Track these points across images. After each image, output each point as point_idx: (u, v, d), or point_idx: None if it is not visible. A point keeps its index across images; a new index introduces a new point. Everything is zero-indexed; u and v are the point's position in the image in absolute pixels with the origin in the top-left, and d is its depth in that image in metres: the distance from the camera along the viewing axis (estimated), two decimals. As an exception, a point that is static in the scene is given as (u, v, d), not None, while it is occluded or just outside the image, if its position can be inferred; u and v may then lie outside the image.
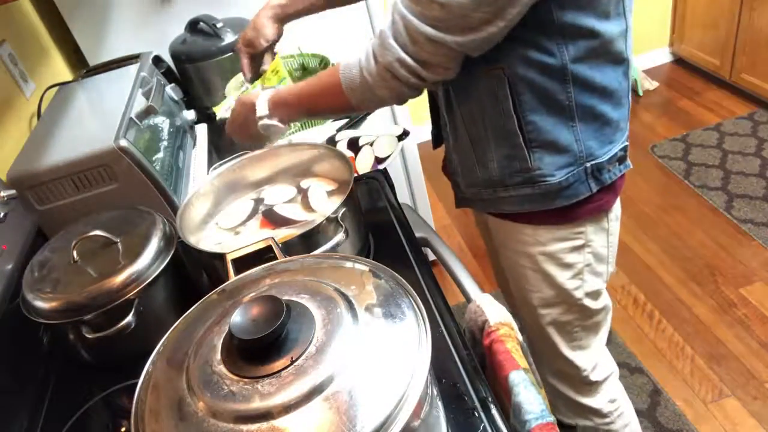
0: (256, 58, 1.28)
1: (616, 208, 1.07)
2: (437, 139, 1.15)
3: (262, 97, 1.00)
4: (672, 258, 2.20)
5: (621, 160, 0.99)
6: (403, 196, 2.09)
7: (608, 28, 0.85)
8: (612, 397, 1.25)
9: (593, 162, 0.95)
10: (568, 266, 1.06)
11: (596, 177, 0.97)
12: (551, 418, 0.75)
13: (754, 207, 2.30)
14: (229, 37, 1.57)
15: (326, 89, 0.93)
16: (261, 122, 1.00)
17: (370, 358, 0.54)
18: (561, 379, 1.24)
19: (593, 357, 1.19)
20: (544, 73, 0.86)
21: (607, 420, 1.26)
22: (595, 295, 1.11)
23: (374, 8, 1.83)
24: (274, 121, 0.99)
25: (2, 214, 1.00)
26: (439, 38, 0.78)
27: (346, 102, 0.90)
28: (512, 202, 1.01)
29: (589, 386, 1.22)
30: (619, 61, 0.90)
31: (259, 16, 1.23)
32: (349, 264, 0.68)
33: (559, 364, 1.20)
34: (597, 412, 1.24)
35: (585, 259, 1.06)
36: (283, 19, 1.23)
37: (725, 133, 2.73)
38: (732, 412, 1.67)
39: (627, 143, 1.00)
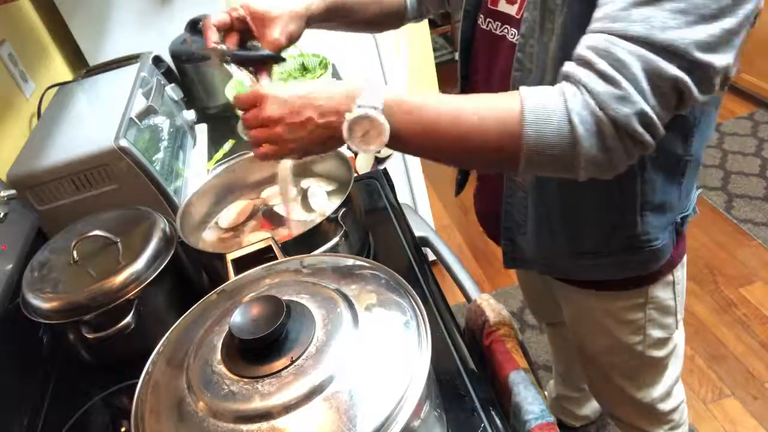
0: (245, 37, 0.84)
1: (683, 255, 0.96)
2: (462, 184, 1.07)
3: (372, 85, 0.67)
4: (672, 258, 2.20)
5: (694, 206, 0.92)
6: (403, 196, 2.09)
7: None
8: (675, 424, 1.18)
9: (682, 215, 0.88)
10: (628, 323, 0.98)
11: (678, 230, 0.89)
12: (551, 418, 0.75)
13: (754, 207, 2.30)
14: (229, 37, 1.57)
15: (489, 118, 0.64)
16: (356, 113, 0.65)
17: (370, 358, 0.54)
18: (624, 409, 1.18)
19: (662, 389, 1.10)
20: (671, 125, 0.67)
21: None
22: (659, 344, 1.01)
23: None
24: (381, 119, 0.65)
25: (2, 214, 1.00)
26: (686, 88, 0.60)
27: (515, 149, 0.63)
28: (594, 272, 0.91)
29: (656, 415, 1.15)
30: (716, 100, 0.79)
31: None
32: (349, 264, 0.68)
33: (623, 399, 1.13)
34: None
35: (647, 315, 0.97)
36: (310, 20, 0.87)
37: (725, 133, 2.73)
38: (732, 412, 1.67)
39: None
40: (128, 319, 0.87)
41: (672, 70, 0.59)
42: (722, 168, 2.53)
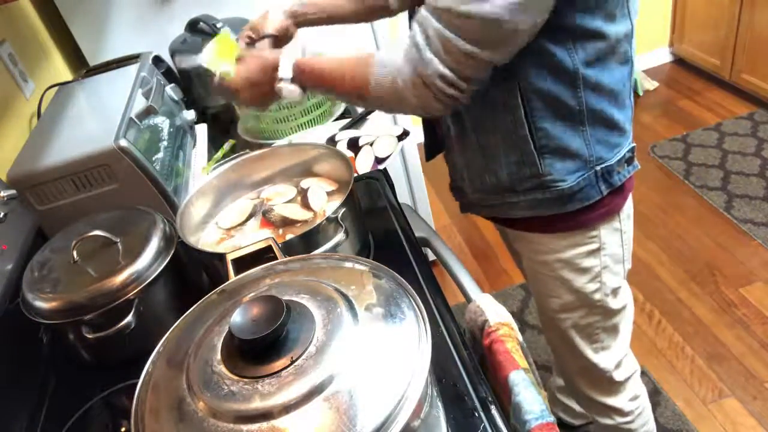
0: (254, 45, 1.17)
1: (628, 207, 1.07)
2: (431, 149, 1.14)
3: (286, 58, 0.96)
4: (672, 258, 2.20)
5: (629, 161, 0.99)
6: (403, 196, 2.09)
7: (615, 29, 0.85)
8: (634, 395, 1.25)
9: (603, 165, 0.95)
10: (584, 270, 1.06)
11: (606, 180, 0.97)
12: (551, 418, 0.75)
13: (754, 207, 2.30)
14: (229, 37, 1.57)
15: (353, 77, 0.90)
16: (280, 84, 0.96)
17: (370, 358, 0.54)
18: (584, 379, 1.24)
19: (616, 356, 1.19)
20: (556, 79, 0.86)
21: (628, 419, 1.26)
22: (615, 293, 1.11)
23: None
24: (294, 86, 0.96)
25: (2, 214, 1.01)
26: (475, 53, 0.77)
27: (365, 95, 0.89)
28: (521, 207, 1.01)
29: (613, 385, 1.22)
30: (625, 62, 0.90)
31: (273, 7, 1.17)
32: (349, 264, 0.68)
33: (582, 365, 1.20)
34: (619, 411, 1.25)
35: (602, 262, 1.06)
36: (296, 17, 1.16)
37: (725, 133, 2.73)
38: (732, 412, 1.67)
39: (633, 144, 1.00)
40: (128, 319, 0.87)
41: (460, 43, 0.76)
42: (722, 168, 2.53)
